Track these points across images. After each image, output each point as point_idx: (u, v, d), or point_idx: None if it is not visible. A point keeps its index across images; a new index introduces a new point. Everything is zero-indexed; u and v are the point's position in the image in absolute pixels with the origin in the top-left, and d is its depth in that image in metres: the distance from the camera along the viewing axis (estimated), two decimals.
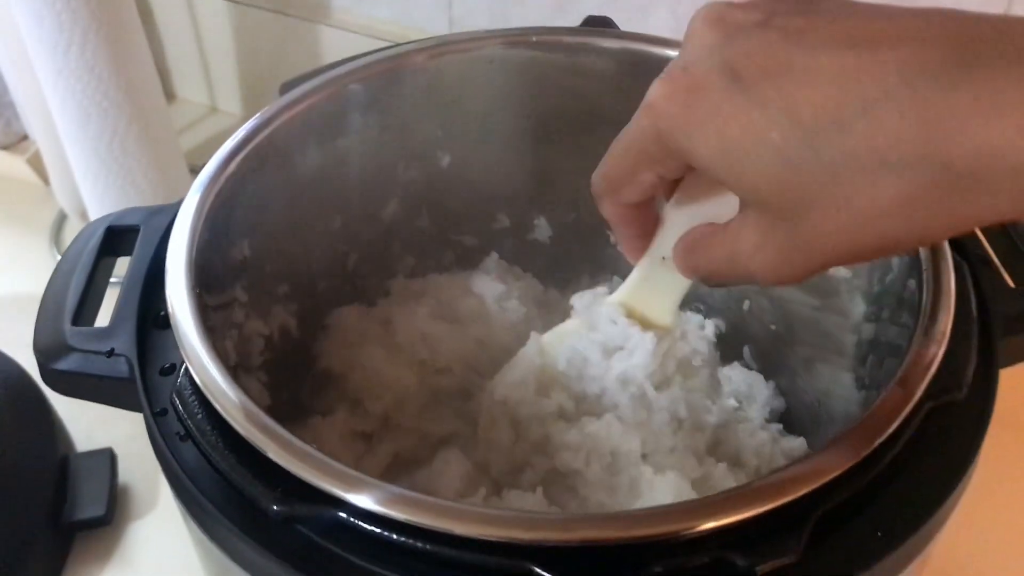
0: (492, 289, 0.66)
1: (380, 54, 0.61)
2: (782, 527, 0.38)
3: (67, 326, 0.49)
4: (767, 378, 0.66)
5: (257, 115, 0.56)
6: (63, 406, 0.79)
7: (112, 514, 0.74)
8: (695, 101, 0.35)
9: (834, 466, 0.39)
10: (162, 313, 0.50)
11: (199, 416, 0.43)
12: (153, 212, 0.55)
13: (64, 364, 0.48)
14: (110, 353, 0.48)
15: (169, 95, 1.15)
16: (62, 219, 1.01)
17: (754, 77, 0.33)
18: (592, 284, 0.72)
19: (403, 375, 0.60)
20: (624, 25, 0.67)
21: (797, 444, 0.61)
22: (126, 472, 0.78)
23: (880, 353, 0.51)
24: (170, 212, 0.55)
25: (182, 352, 0.44)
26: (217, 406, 0.41)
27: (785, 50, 0.33)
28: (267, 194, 0.57)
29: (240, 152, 0.54)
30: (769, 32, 0.33)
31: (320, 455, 0.40)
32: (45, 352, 0.48)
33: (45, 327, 0.49)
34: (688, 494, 0.54)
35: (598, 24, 0.66)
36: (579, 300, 0.63)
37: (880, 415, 0.41)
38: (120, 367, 0.48)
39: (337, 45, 0.99)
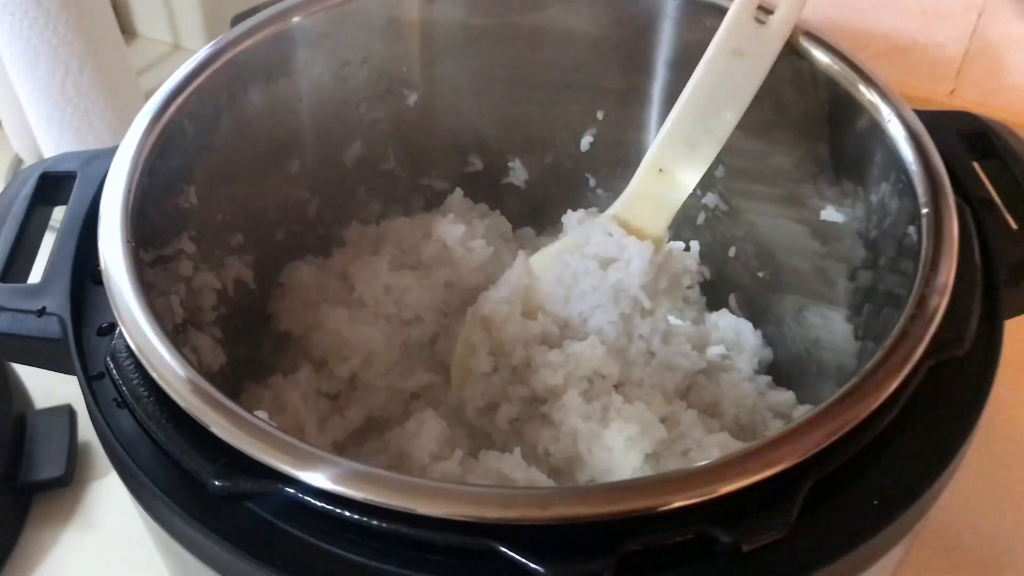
0: (454, 231, 0.62)
1: None
2: (770, 500, 0.35)
3: None
4: (754, 327, 0.62)
5: (203, 49, 0.52)
6: None
7: (71, 474, 0.71)
8: None
9: (828, 432, 0.36)
10: (98, 268, 0.46)
11: (135, 381, 0.39)
12: (92, 157, 0.51)
13: None
14: (41, 312, 0.44)
15: (128, 32, 1.09)
16: (18, 164, 0.96)
17: None
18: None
19: (369, 334, 0.57)
20: None
21: (785, 398, 0.58)
22: (87, 430, 0.74)
23: (878, 302, 0.48)
24: (110, 156, 0.50)
25: (115, 312, 0.40)
26: (152, 371, 0.38)
27: None
28: (215, 136, 0.53)
29: (184, 91, 0.50)
30: None
31: (267, 426, 0.36)
32: None
33: None
34: (655, 428, 0.52)
35: None
36: (569, 218, 0.62)
37: (878, 374, 0.37)
38: (52, 327, 0.44)
39: None
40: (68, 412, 0.73)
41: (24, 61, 0.82)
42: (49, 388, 0.77)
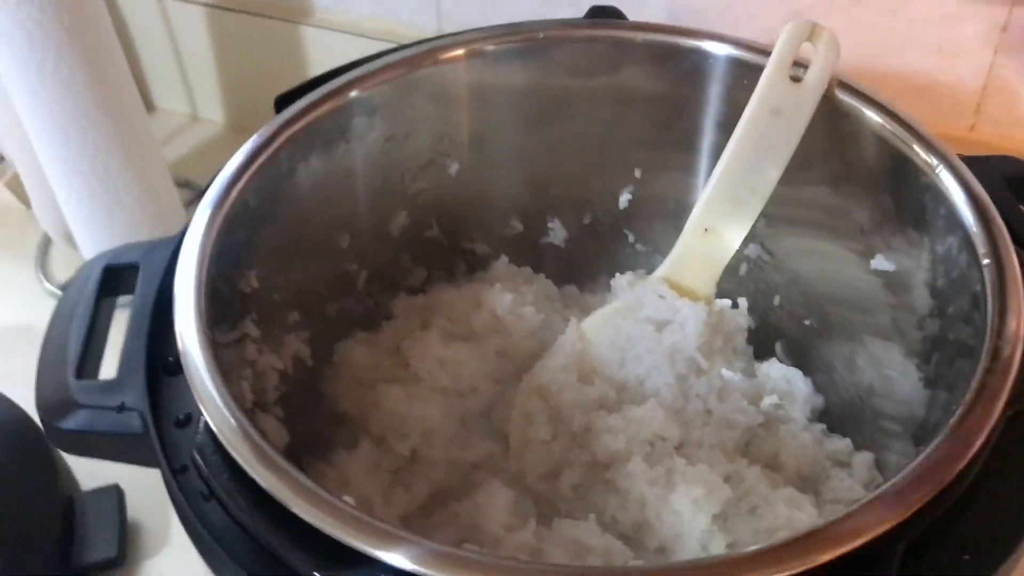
0: (503, 300, 0.62)
1: (379, 61, 0.57)
2: (867, 565, 0.35)
3: (71, 379, 0.45)
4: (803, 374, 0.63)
5: (255, 136, 0.53)
6: None
7: (124, 554, 0.71)
8: None
9: (925, 492, 0.36)
10: (171, 358, 0.47)
11: (225, 476, 0.40)
12: (152, 248, 0.51)
13: (71, 422, 0.44)
14: (120, 408, 0.44)
15: (147, 106, 1.10)
16: (47, 243, 0.97)
17: None
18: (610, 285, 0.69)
19: (426, 410, 0.57)
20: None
21: (843, 446, 0.58)
22: (135, 508, 0.74)
23: (948, 351, 0.48)
24: (169, 246, 0.51)
25: (201, 407, 0.41)
26: (246, 467, 0.38)
27: None
28: (272, 219, 0.53)
29: (240, 178, 0.51)
30: None
31: (361, 515, 0.37)
32: (49, 410, 0.45)
33: (47, 382, 0.46)
34: (720, 488, 0.52)
35: (604, 15, 0.63)
36: (619, 281, 0.62)
37: (963, 430, 0.38)
38: (132, 422, 0.44)
39: (321, 45, 0.95)
40: (116, 492, 0.73)
41: (54, 143, 0.83)
42: (93, 468, 0.76)
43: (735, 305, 0.60)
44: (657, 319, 0.54)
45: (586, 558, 0.50)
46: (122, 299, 0.52)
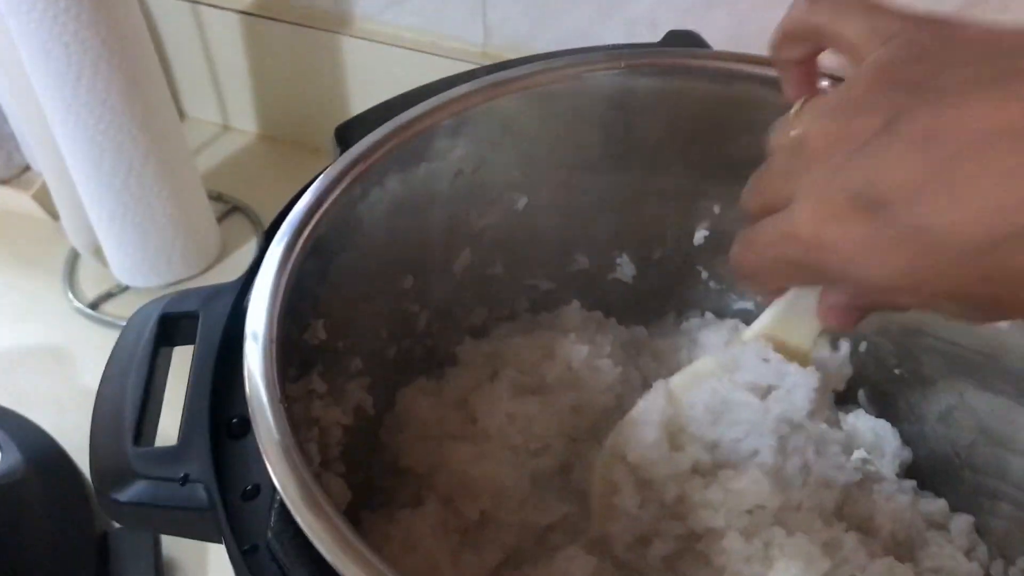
0: (578, 352, 0.58)
1: (448, 94, 0.53)
2: None
3: (129, 446, 0.42)
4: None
5: (323, 174, 0.49)
6: None
7: None
8: (846, 235, 0.32)
9: None
10: (235, 419, 0.43)
11: (306, 571, 0.36)
12: (212, 294, 0.48)
13: (130, 494, 0.41)
14: (184, 480, 0.41)
15: (178, 115, 1.07)
16: (74, 257, 0.93)
17: (897, 200, 0.30)
18: (678, 323, 0.66)
19: (496, 470, 0.53)
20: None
21: (938, 507, 0.54)
22: (170, 545, 0.71)
23: None
24: (230, 293, 0.48)
25: (278, 487, 0.37)
26: (335, 563, 0.34)
27: (920, 162, 0.30)
28: (339, 264, 0.50)
29: (311, 219, 0.47)
30: (899, 143, 0.30)
31: None
32: (106, 480, 0.41)
33: (103, 448, 0.42)
34: (819, 561, 0.49)
35: (683, 41, 0.59)
36: (691, 324, 0.60)
37: None
38: (197, 495, 0.41)
39: (360, 57, 0.91)
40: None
41: (88, 158, 0.80)
42: None
43: (836, 349, 0.56)
44: (759, 384, 0.49)
45: None
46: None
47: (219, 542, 0.41)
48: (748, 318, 0.63)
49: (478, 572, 0.52)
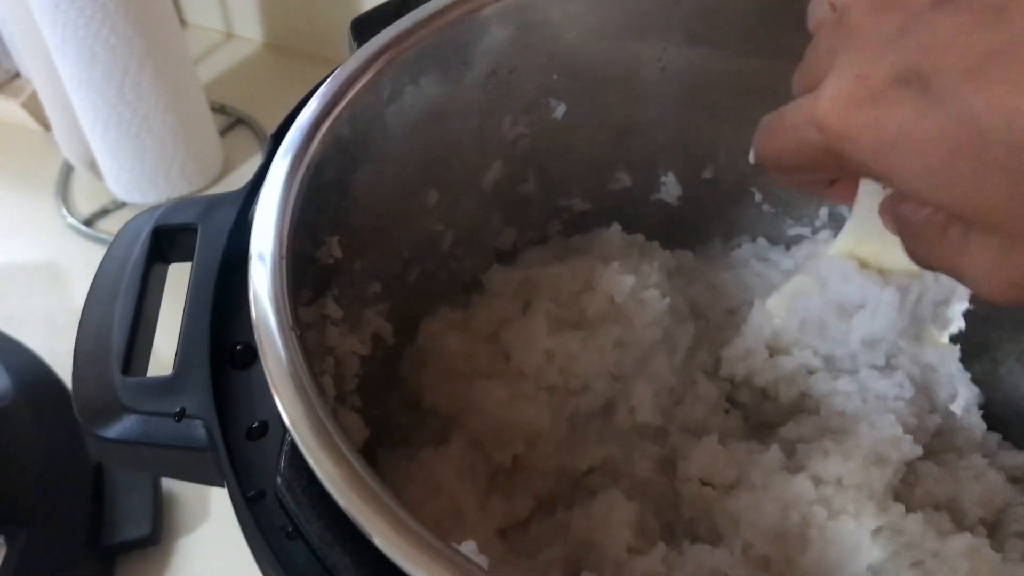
0: (622, 283, 0.52)
1: None
2: None
3: (117, 376, 0.36)
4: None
5: (336, 72, 0.43)
6: None
7: (159, 532, 0.64)
8: (880, 119, 0.28)
9: None
10: (238, 346, 0.38)
11: (322, 522, 0.31)
12: (211, 205, 0.42)
13: (118, 431, 0.35)
14: (180, 415, 0.35)
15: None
16: (68, 170, 0.88)
17: (949, 82, 0.26)
18: (725, 249, 0.60)
19: (532, 413, 0.48)
20: None
21: (1020, 461, 0.49)
22: (171, 480, 0.66)
23: None
24: (232, 204, 0.42)
25: (289, 427, 0.32)
26: (357, 518, 0.29)
27: (983, 39, 0.26)
28: (357, 173, 0.44)
29: (323, 123, 0.41)
30: (958, 15, 0.26)
31: None
32: (91, 414, 0.36)
33: (88, 378, 0.36)
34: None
35: None
36: (744, 252, 0.58)
37: None
38: (195, 434, 0.35)
39: None
40: None
41: (78, 62, 0.74)
42: None
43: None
44: (844, 304, 0.45)
45: None
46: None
47: (221, 486, 0.36)
48: (803, 244, 0.58)
49: (507, 520, 0.47)
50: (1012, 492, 0.47)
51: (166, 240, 0.42)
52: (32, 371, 0.71)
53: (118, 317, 0.38)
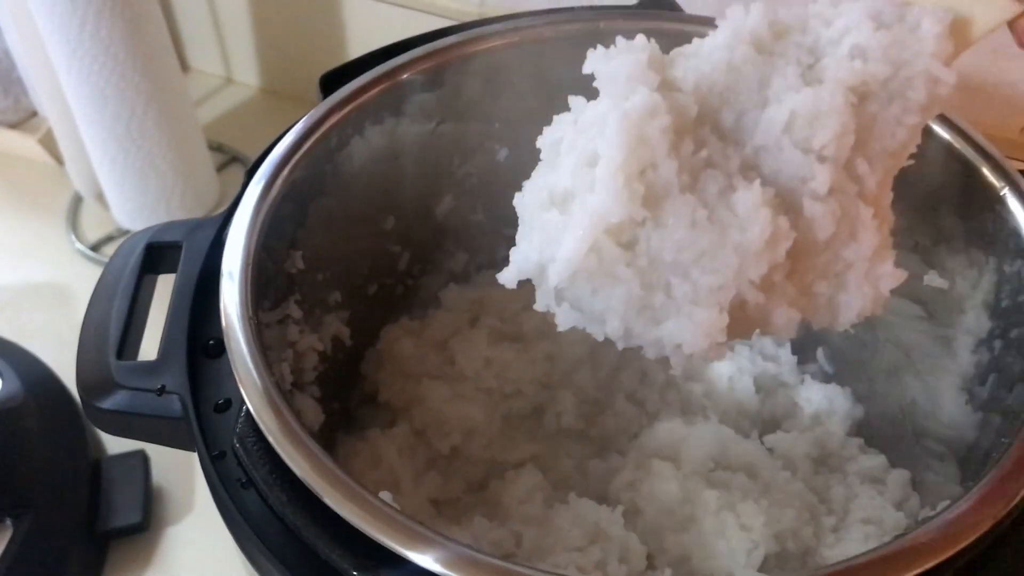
0: None
1: (430, 45, 0.56)
2: None
3: (112, 359, 0.45)
4: (842, 383, 0.62)
5: (305, 117, 0.52)
6: None
7: (148, 520, 0.71)
8: None
9: (977, 526, 0.35)
10: (211, 341, 0.46)
11: (265, 468, 0.39)
12: (195, 226, 0.51)
13: (111, 403, 0.44)
14: (161, 391, 0.44)
15: (182, 67, 1.09)
16: (78, 201, 0.96)
17: None
18: None
19: (470, 410, 0.56)
20: None
21: (877, 463, 0.57)
22: (160, 474, 0.74)
23: (1009, 376, 0.47)
24: (212, 226, 0.51)
25: (243, 393, 0.40)
26: (286, 459, 0.38)
27: None
28: (320, 199, 0.52)
29: (291, 158, 0.50)
30: None
31: (395, 513, 0.36)
32: (90, 389, 0.44)
33: (88, 361, 0.45)
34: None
35: (656, 4, 0.61)
36: None
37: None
38: (173, 406, 0.44)
39: (359, 14, 0.93)
40: (142, 457, 0.73)
41: (92, 105, 0.83)
42: None
43: None
44: None
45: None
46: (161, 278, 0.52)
47: (192, 450, 0.44)
48: None
49: (440, 494, 0.55)
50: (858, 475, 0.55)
51: (156, 254, 0.51)
52: (40, 377, 0.78)
53: (115, 314, 0.47)
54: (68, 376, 0.77)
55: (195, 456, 0.43)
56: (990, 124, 0.78)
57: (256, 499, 0.41)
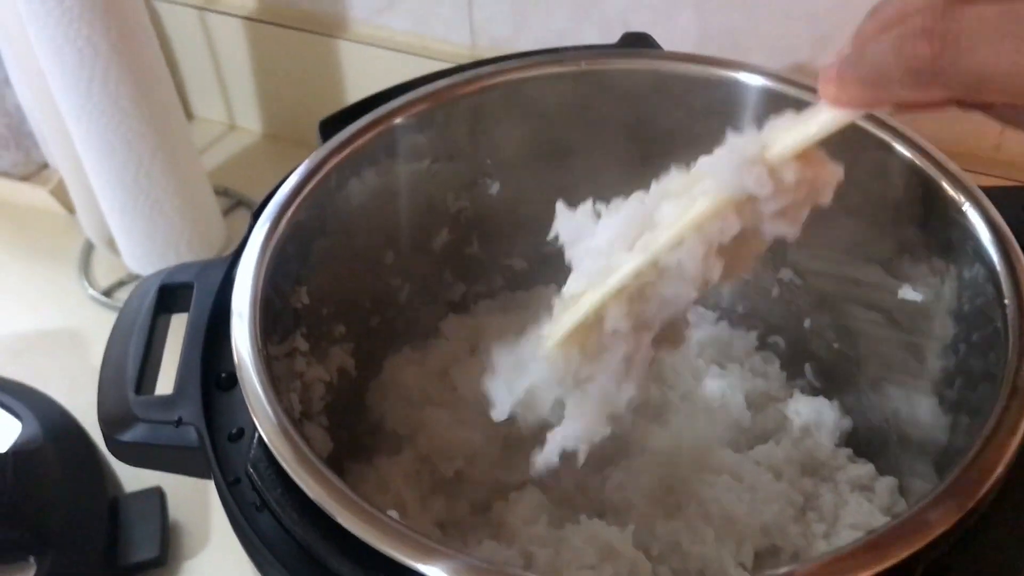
0: None
1: (422, 89, 0.59)
2: None
3: (131, 394, 0.48)
4: (830, 397, 0.65)
5: (306, 161, 0.55)
6: None
7: (166, 555, 0.73)
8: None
9: (944, 520, 0.38)
10: (224, 374, 0.49)
11: (277, 490, 0.42)
12: (204, 267, 0.54)
13: (131, 435, 0.47)
14: (178, 423, 0.47)
15: (186, 115, 1.12)
16: (89, 248, 0.99)
17: None
18: None
19: (471, 434, 0.59)
20: (652, 27, 0.66)
21: (865, 471, 0.60)
22: (176, 509, 0.76)
23: (972, 377, 0.49)
24: (221, 267, 0.53)
25: (255, 421, 0.43)
26: (297, 480, 0.40)
27: None
28: (322, 238, 0.56)
29: (293, 200, 0.53)
30: None
31: (403, 528, 0.39)
32: (110, 423, 0.47)
33: (108, 396, 0.48)
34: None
35: (636, 42, 0.65)
36: None
37: (987, 459, 0.39)
38: (189, 436, 0.47)
39: (356, 59, 0.97)
40: (158, 494, 0.75)
41: (100, 155, 0.85)
42: (136, 470, 0.78)
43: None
44: None
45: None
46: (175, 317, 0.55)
47: (208, 477, 0.47)
48: None
49: (446, 517, 0.58)
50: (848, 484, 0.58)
51: (170, 295, 0.54)
52: (58, 420, 0.80)
53: (132, 352, 0.50)
54: (84, 417, 0.79)
55: (209, 491, 0.45)
56: (965, 144, 0.80)
57: (270, 520, 0.43)
